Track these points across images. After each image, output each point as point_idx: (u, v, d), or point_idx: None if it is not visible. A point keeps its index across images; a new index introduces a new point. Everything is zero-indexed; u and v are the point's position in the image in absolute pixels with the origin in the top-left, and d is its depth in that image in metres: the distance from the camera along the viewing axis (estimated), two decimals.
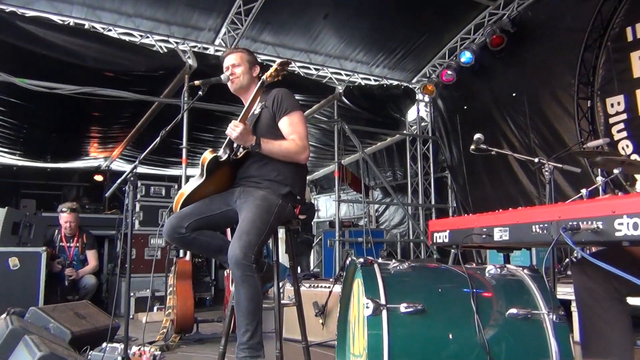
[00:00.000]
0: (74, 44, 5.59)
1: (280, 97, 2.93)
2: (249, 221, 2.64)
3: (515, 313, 1.78)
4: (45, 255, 4.92)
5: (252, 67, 3.08)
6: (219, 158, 2.89)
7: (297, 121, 2.90)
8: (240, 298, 2.57)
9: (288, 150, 2.84)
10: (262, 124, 2.96)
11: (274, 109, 2.91)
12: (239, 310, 2.59)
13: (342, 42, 7.71)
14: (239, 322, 2.60)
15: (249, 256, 2.52)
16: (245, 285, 2.54)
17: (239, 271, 2.52)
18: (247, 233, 2.59)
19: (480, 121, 7.74)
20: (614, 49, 6.13)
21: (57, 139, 8.28)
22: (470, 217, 2.20)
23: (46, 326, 3.27)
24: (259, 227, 2.64)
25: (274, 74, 2.82)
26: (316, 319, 4.07)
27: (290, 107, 2.90)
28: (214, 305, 6.78)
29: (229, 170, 2.98)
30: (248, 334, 2.56)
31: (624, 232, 1.49)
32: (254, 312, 2.58)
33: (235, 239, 2.57)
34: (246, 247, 2.53)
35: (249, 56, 3.10)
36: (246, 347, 2.56)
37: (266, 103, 2.96)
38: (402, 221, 9.66)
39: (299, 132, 2.88)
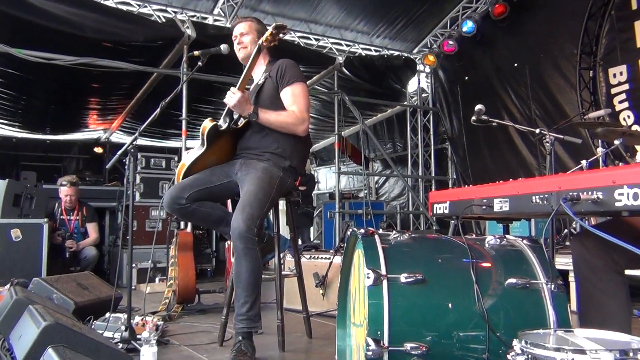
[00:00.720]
0: (72, 13, 5.50)
1: (285, 67, 2.90)
2: (251, 194, 2.64)
3: (514, 283, 1.80)
4: (47, 226, 4.95)
5: (261, 36, 3.03)
6: (218, 127, 2.88)
7: (298, 92, 2.88)
8: (241, 270, 2.59)
9: (286, 121, 2.83)
10: (265, 95, 2.94)
11: (277, 79, 2.89)
12: (239, 282, 2.62)
13: (342, 11, 7.59)
14: (238, 293, 2.63)
15: (252, 229, 2.53)
16: (247, 258, 2.56)
17: (242, 244, 2.54)
18: (250, 205, 2.59)
19: (481, 92, 7.69)
20: (618, 17, 6.05)
21: (56, 111, 8.24)
22: (470, 188, 2.21)
23: (50, 297, 3.31)
24: (261, 199, 2.65)
25: (270, 38, 2.78)
26: (316, 289, 4.12)
27: (293, 77, 2.88)
28: (215, 276, 6.85)
29: (229, 140, 2.97)
30: (247, 305, 2.60)
31: (624, 202, 1.49)
32: (253, 284, 2.61)
33: (238, 212, 2.57)
34: (249, 219, 2.54)
35: (258, 25, 3.06)
36: (245, 318, 2.60)
37: (270, 73, 2.94)
38: (402, 193, 9.68)
39: (300, 104, 2.86)
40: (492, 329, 1.72)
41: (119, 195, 6.87)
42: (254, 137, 2.91)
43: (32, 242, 4.84)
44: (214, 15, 7.06)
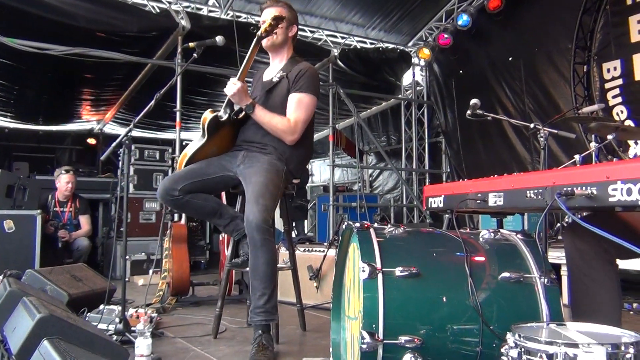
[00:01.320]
0: (65, 2, 5.45)
1: (303, 73, 2.85)
2: (262, 185, 2.61)
3: (507, 277, 1.81)
4: (40, 218, 4.93)
5: (290, 25, 2.98)
6: (219, 118, 2.86)
7: (304, 104, 2.84)
8: (259, 262, 2.55)
9: (277, 126, 2.80)
10: (277, 94, 2.90)
11: (293, 80, 2.84)
12: (256, 274, 2.57)
13: (337, 3, 7.56)
14: (255, 286, 2.58)
15: (267, 220, 2.51)
16: (264, 249, 2.53)
17: (260, 234, 2.50)
18: (263, 197, 2.56)
19: (476, 86, 7.70)
20: (613, 12, 6.05)
21: (48, 101, 8.18)
22: (465, 183, 2.22)
23: (43, 288, 3.30)
24: (272, 191, 2.63)
25: (269, 29, 2.76)
26: (310, 282, 4.13)
27: (306, 87, 2.83)
28: (208, 268, 6.85)
29: (230, 131, 2.95)
30: (265, 297, 2.56)
31: (618, 197, 1.50)
32: (271, 276, 2.58)
33: (252, 203, 2.54)
34: (264, 210, 2.52)
35: (290, 13, 2.97)
36: (262, 311, 2.56)
37: (289, 75, 2.89)
38: (396, 186, 9.70)
39: (299, 115, 2.82)
40: (485, 322, 1.73)
41: (113, 186, 6.85)
42: (255, 129, 2.88)
43: (25, 234, 4.82)
44: (208, 6, 7.01)
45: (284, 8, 2.95)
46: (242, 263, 2.92)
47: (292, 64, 2.97)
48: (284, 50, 3.01)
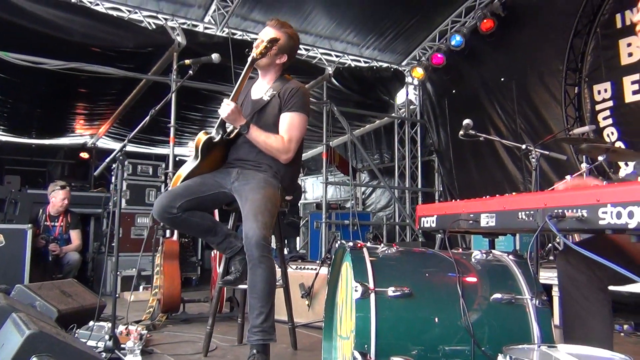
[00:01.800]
0: (61, 17, 5.48)
1: (295, 92, 2.89)
2: (259, 202, 2.61)
3: (499, 298, 1.82)
4: (30, 232, 4.89)
5: (280, 53, 3.00)
6: (212, 139, 2.87)
7: (296, 123, 2.86)
8: (257, 280, 2.52)
9: (272, 145, 2.81)
10: (268, 112, 2.91)
11: (284, 100, 2.87)
12: (254, 292, 2.54)
13: (332, 22, 7.64)
14: (253, 304, 2.55)
15: (267, 237, 2.50)
16: (262, 267, 2.51)
17: (258, 251, 2.48)
18: (262, 214, 2.56)
19: (468, 105, 7.77)
20: (603, 35, 6.15)
21: (42, 115, 8.17)
22: (457, 203, 2.23)
23: (32, 304, 3.26)
24: (270, 208, 2.63)
25: (264, 51, 2.80)
26: (302, 300, 4.11)
27: (298, 106, 2.86)
28: (200, 285, 6.80)
29: (222, 151, 2.97)
30: (262, 316, 2.53)
31: (608, 220, 1.51)
32: (269, 294, 2.55)
33: (251, 220, 2.53)
34: (264, 227, 2.51)
35: (287, 42, 3.00)
36: (259, 330, 2.53)
37: (280, 93, 2.91)
38: (389, 204, 9.72)
39: (292, 134, 2.85)
40: (477, 343, 1.73)
41: (105, 201, 6.82)
42: (248, 147, 2.89)
43: (15, 248, 4.77)
44: (204, 23, 7.07)
45: (284, 35, 2.98)
46: (234, 280, 2.90)
47: (282, 82, 2.99)
48: (271, 71, 3.03)
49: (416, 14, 7.77)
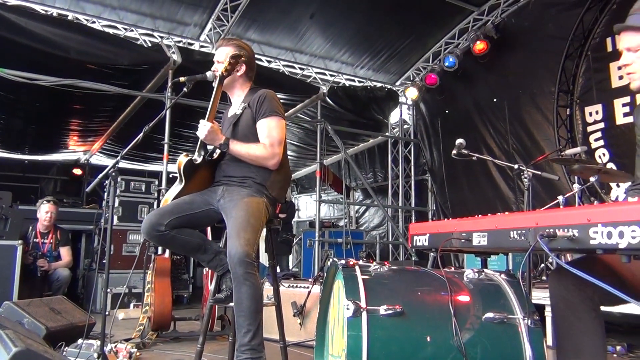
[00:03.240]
0: (57, 34, 5.50)
1: (264, 98, 2.90)
2: (243, 219, 2.60)
3: (491, 317, 1.81)
4: (20, 248, 4.85)
5: (237, 65, 3.05)
6: (194, 161, 2.87)
7: (273, 126, 2.86)
8: (242, 297, 2.49)
9: (255, 154, 2.81)
10: (242, 124, 2.92)
11: (255, 110, 2.88)
12: (240, 310, 2.51)
13: (327, 42, 7.73)
14: (239, 322, 2.52)
15: (250, 254, 2.47)
16: (247, 284, 2.48)
17: (242, 269, 2.46)
18: (245, 230, 2.54)
19: (461, 125, 7.83)
20: (594, 58, 6.25)
21: (36, 131, 8.15)
22: (449, 222, 2.23)
23: (21, 321, 3.22)
24: (254, 225, 2.61)
25: (229, 68, 2.84)
26: (294, 318, 4.08)
27: (269, 110, 2.87)
28: (191, 303, 6.75)
29: (207, 172, 2.95)
30: (249, 334, 2.49)
31: (599, 240, 1.52)
32: (255, 311, 2.52)
33: (234, 238, 2.52)
34: (247, 244, 2.48)
35: (235, 52, 3.00)
36: (248, 349, 2.48)
37: (250, 103, 2.94)
38: (382, 223, 9.72)
39: (272, 137, 2.84)
40: None
41: (97, 218, 6.78)
42: (233, 164, 2.90)
43: (5, 264, 4.72)
44: (200, 41, 7.13)
45: (230, 47, 3.01)
46: (225, 298, 2.87)
47: (251, 93, 3.02)
48: (237, 87, 3.05)
49: (410, 35, 7.88)
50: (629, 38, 1.99)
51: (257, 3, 6.60)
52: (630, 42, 1.98)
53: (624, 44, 2.01)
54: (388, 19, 7.41)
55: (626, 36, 2.00)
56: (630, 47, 1.98)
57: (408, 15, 7.38)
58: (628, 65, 2.01)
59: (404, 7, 7.16)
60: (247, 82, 3.08)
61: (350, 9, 7.12)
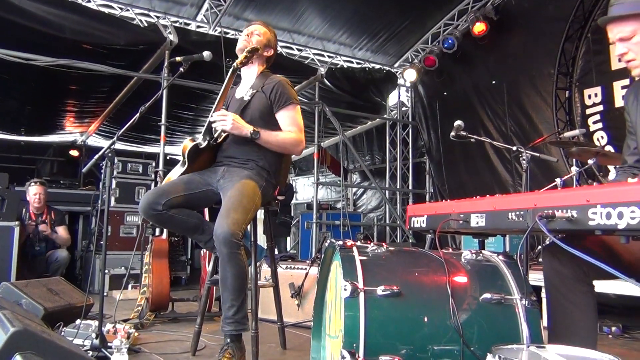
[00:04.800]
0: (51, 14, 5.43)
1: (281, 87, 2.92)
2: (235, 199, 2.62)
3: (489, 298, 1.82)
4: (17, 229, 4.85)
5: (267, 47, 3.05)
6: (199, 145, 2.87)
7: (294, 115, 2.93)
8: (227, 275, 2.53)
9: (285, 142, 2.86)
10: (253, 110, 2.92)
11: (272, 99, 2.89)
12: (225, 287, 2.56)
13: (325, 23, 7.65)
14: (224, 297, 2.57)
15: (236, 234, 2.49)
16: (231, 263, 2.51)
17: (227, 248, 2.48)
18: (235, 210, 2.56)
19: (459, 108, 7.80)
20: (594, 40, 6.20)
21: (32, 112, 8.10)
22: (447, 203, 2.22)
23: (19, 302, 3.23)
24: (245, 205, 2.63)
25: (244, 61, 2.87)
26: (292, 300, 4.10)
27: (289, 99, 2.91)
28: (189, 284, 6.78)
29: (210, 153, 2.97)
30: (233, 309, 2.55)
31: (597, 221, 1.51)
32: (239, 288, 2.56)
33: (223, 217, 2.53)
34: (234, 224, 2.50)
35: (273, 37, 3.11)
36: (232, 322, 2.56)
37: (264, 88, 2.93)
38: (379, 205, 9.73)
39: (297, 125, 2.91)
40: (466, 343, 1.73)
41: (94, 199, 6.77)
42: (236, 145, 2.90)
43: (2, 246, 4.73)
44: (196, 21, 7.05)
45: (268, 30, 3.09)
46: None
47: (262, 78, 3.02)
48: (255, 67, 3.05)
49: (409, 16, 7.81)
50: (618, 28, 2.00)
51: None
52: (621, 32, 2.00)
53: (614, 35, 2.02)
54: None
55: (615, 27, 2.01)
56: (622, 37, 2.00)
57: None
58: (625, 54, 2.02)
59: None
60: (263, 63, 3.11)
61: None
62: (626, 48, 2.01)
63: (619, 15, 1.98)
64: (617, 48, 2.04)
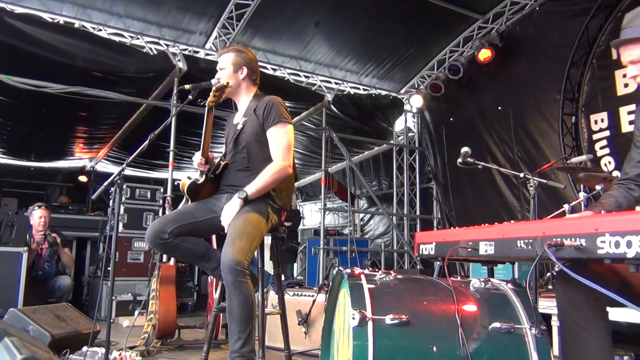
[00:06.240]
0: (63, 42, 5.53)
1: (271, 105, 2.91)
2: (239, 227, 2.62)
3: (498, 327, 1.80)
4: (26, 255, 4.86)
5: (238, 69, 3.02)
6: (196, 182, 2.89)
7: (281, 133, 2.87)
8: (233, 305, 2.52)
9: (272, 176, 2.79)
10: (247, 134, 2.93)
11: (263, 117, 2.89)
12: (231, 317, 2.54)
13: (332, 50, 7.75)
14: (231, 329, 2.55)
15: (242, 262, 2.49)
16: (237, 292, 2.50)
17: (232, 277, 2.48)
18: (240, 238, 2.56)
19: (465, 133, 7.82)
20: (599, 66, 6.23)
21: (42, 138, 8.19)
22: (456, 231, 2.22)
23: (26, 328, 3.23)
24: (250, 232, 2.63)
25: (214, 100, 2.85)
26: (299, 327, 4.07)
27: (278, 117, 2.88)
28: (195, 310, 6.74)
29: (211, 186, 2.98)
30: (240, 341, 2.51)
31: (606, 249, 1.51)
32: (246, 319, 2.54)
33: (228, 245, 2.53)
34: (239, 252, 2.50)
35: (236, 57, 3.03)
36: (238, 356, 2.51)
37: (256, 111, 2.94)
38: (387, 231, 9.69)
39: (282, 145, 2.85)
40: None
41: (102, 225, 6.79)
42: (238, 174, 2.91)
43: (10, 271, 4.73)
44: (205, 49, 7.16)
45: (230, 53, 3.03)
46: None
47: (255, 101, 3.02)
48: (242, 92, 3.06)
49: (415, 43, 7.90)
50: (629, 51, 2.01)
51: (262, 11, 6.63)
52: (632, 54, 2.01)
53: (626, 58, 2.03)
54: (392, 27, 7.43)
55: (626, 50, 2.02)
56: (633, 60, 2.01)
57: (412, 23, 7.40)
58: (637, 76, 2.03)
59: (408, 16, 7.18)
60: (251, 86, 3.08)
61: (355, 17, 7.15)
62: (638, 70, 2.02)
63: (630, 38, 2.00)
64: (629, 70, 2.05)
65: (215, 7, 6.66)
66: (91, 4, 6.25)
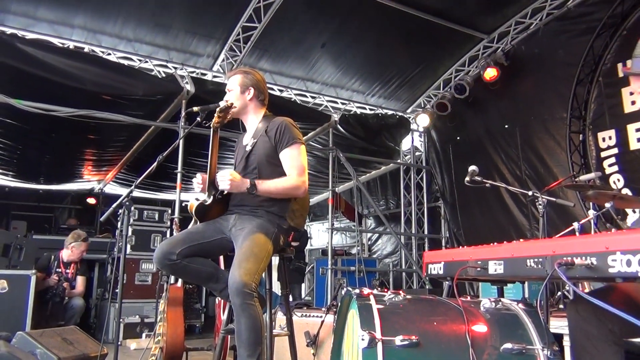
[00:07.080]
0: (73, 66, 5.61)
1: (284, 128, 2.91)
2: (247, 249, 2.60)
3: (509, 348, 1.78)
4: (34, 278, 4.87)
5: (245, 89, 3.03)
6: (204, 203, 2.88)
7: (296, 155, 2.87)
8: (241, 328, 2.49)
9: (284, 187, 2.81)
10: (258, 155, 2.93)
11: (276, 140, 2.88)
12: (240, 341, 2.51)
13: (338, 71, 7.81)
14: (240, 353, 2.51)
15: (249, 284, 2.47)
16: (245, 315, 2.47)
17: (239, 299, 2.46)
18: (247, 260, 2.54)
19: (473, 152, 7.83)
20: (606, 84, 6.24)
21: (51, 161, 8.25)
22: (465, 250, 2.21)
23: (33, 352, 3.23)
24: (257, 254, 2.61)
25: (219, 121, 2.86)
26: (307, 349, 4.02)
27: (292, 139, 2.88)
28: (203, 332, 6.70)
29: (219, 206, 2.96)
30: None
31: (618, 268, 1.49)
32: (254, 342, 2.50)
33: (235, 267, 2.52)
34: (246, 274, 2.48)
35: (243, 78, 3.05)
36: None
37: (268, 132, 2.94)
38: (395, 250, 9.63)
39: (298, 167, 2.85)
40: None
41: (110, 247, 6.80)
42: (247, 195, 2.89)
43: (19, 294, 4.73)
44: (213, 71, 7.23)
45: (238, 75, 3.06)
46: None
47: (265, 122, 3.01)
48: (250, 113, 3.07)
49: (420, 63, 7.96)
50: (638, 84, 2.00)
51: (269, 34, 6.71)
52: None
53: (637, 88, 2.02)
54: (398, 47, 7.50)
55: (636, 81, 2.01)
56: None
57: (418, 43, 7.47)
58: None
59: (414, 36, 7.24)
60: (259, 106, 3.09)
61: (360, 38, 7.22)
62: None
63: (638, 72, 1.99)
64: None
65: (223, 30, 6.74)
66: (101, 29, 6.35)
